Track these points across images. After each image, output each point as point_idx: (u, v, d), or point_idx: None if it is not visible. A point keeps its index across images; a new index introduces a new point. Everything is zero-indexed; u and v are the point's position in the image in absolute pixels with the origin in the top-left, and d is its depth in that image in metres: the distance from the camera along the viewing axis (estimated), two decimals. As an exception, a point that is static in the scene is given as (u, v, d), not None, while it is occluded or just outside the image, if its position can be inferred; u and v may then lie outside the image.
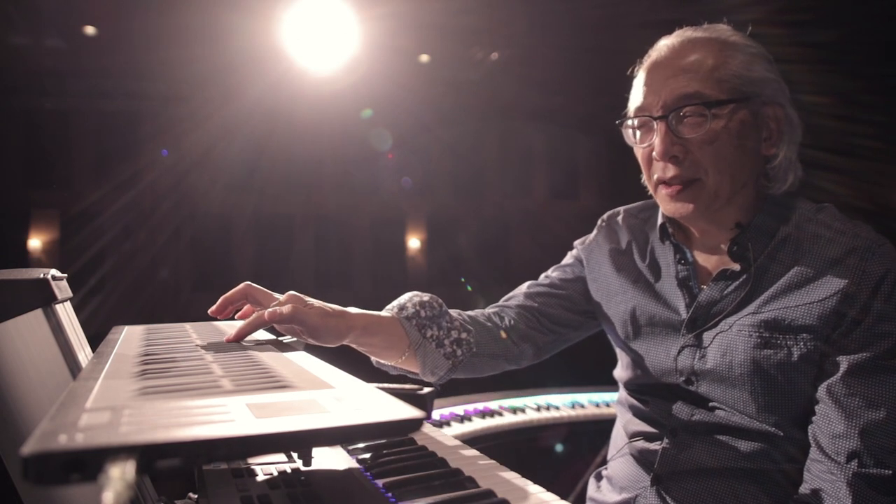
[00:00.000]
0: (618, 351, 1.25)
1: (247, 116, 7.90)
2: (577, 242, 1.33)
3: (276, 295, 1.01)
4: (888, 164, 3.92)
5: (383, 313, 1.12)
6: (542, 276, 1.32)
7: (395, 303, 1.16)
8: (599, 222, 1.31)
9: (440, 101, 8.50)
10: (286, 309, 0.91)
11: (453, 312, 1.20)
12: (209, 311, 1.01)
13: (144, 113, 8.78)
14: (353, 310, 1.06)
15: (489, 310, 1.27)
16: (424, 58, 7.57)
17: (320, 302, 1.01)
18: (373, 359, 1.16)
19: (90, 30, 6.91)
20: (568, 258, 1.33)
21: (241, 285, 1.01)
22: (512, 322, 1.23)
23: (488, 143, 10.11)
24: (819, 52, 3.34)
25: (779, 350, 0.97)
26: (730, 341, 1.02)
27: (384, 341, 1.09)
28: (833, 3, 3.65)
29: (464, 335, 1.16)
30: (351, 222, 9.71)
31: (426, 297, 1.18)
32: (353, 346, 1.06)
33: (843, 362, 0.94)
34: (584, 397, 2.17)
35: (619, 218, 1.28)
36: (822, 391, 0.96)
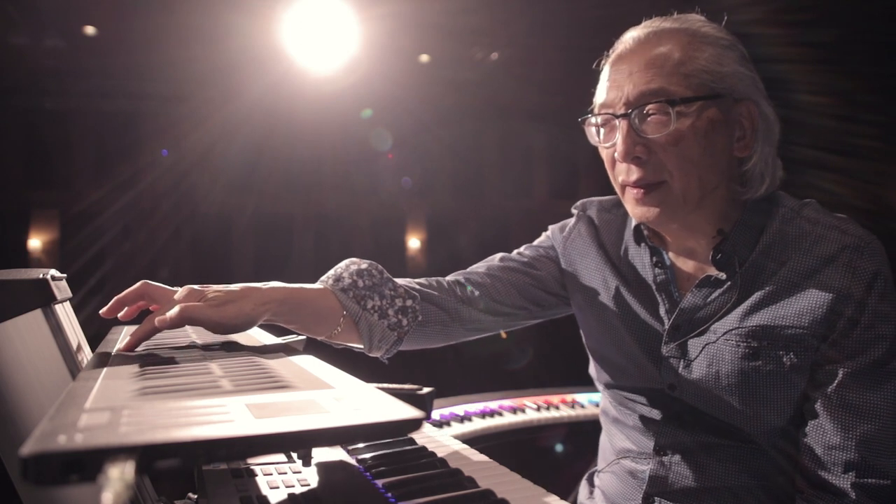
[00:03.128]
0: (593, 352, 1.20)
1: (247, 116, 7.89)
2: (554, 227, 1.26)
3: (177, 289, 0.90)
4: (888, 164, 3.92)
5: (314, 285, 1.03)
6: (516, 252, 1.25)
7: (331, 273, 1.06)
8: (576, 211, 1.24)
9: (440, 101, 8.49)
10: (174, 312, 0.79)
11: (400, 281, 1.11)
12: (100, 313, 0.90)
13: (144, 113, 8.77)
14: (271, 284, 0.95)
15: (450, 277, 1.18)
16: (424, 58, 7.56)
17: (222, 287, 0.90)
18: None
19: (90, 30, 6.90)
20: (543, 240, 1.26)
21: (137, 284, 0.90)
22: (476, 292, 1.15)
23: (488, 143, 10.10)
24: (819, 52, 3.33)
25: (768, 361, 0.93)
26: (716, 351, 0.97)
27: (312, 315, 0.98)
28: (833, 3, 3.64)
29: (409, 302, 1.07)
30: (351, 222, 9.71)
31: (365, 264, 1.07)
32: (280, 324, 0.96)
33: (837, 371, 0.91)
34: (584, 397, 2.17)
35: (594, 210, 1.22)
36: (815, 401, 0.92)
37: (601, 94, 1.01)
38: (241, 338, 0.95)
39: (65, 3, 6.34)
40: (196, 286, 0.88)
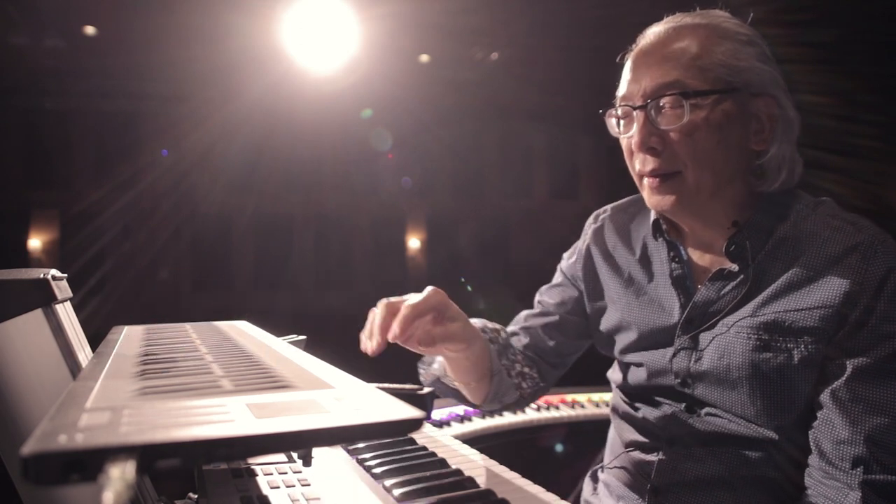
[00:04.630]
0: (608, 350, 1.22)
1: (247, 116, 7.89)
2: (565, 256, 1.30)
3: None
4: (888, 164, 3.92)
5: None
6: (537, 301, 1.30)
7: (475, 323, 1.17)
8: (587, 227, 1.27)
9: (440, 101, 8.50)
10: (429, 291, 0.98)
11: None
12: (369, 351, 0.99)
13: (144, 113, 8.78)
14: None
15: (518, 343, 1.27)
16: (424, 58, 7.57)
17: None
18: (426, 375, 1.22)
19: (90, 30, 6.91)
20: (558, 276, 1.30)
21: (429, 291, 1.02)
22: (552, 358, 1.27)
23: (488, 143, 10.10)
24: (819, 52, 3.33)
25: (779, 353, 0.94)
26: (727, 343, 0.98)
27: (475, 358, 1.10)
28: (833, 3, 3.64)
29: (526, 369, 1.20)
30: (351, 222, 9.71)
31: (497, 325, 1.22)
32: (453, 354, 1.07)
33: (847, 366, 0.91)
34: (584, 397, 2.17)
35: (607, 216, 1.24)
36: (824, 396, 0.93)
37: (622, 88, 1.04)
38: (241, 337, 0.95)
39: (65, 3, 6.34)
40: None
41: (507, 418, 1.97)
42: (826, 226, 0.98)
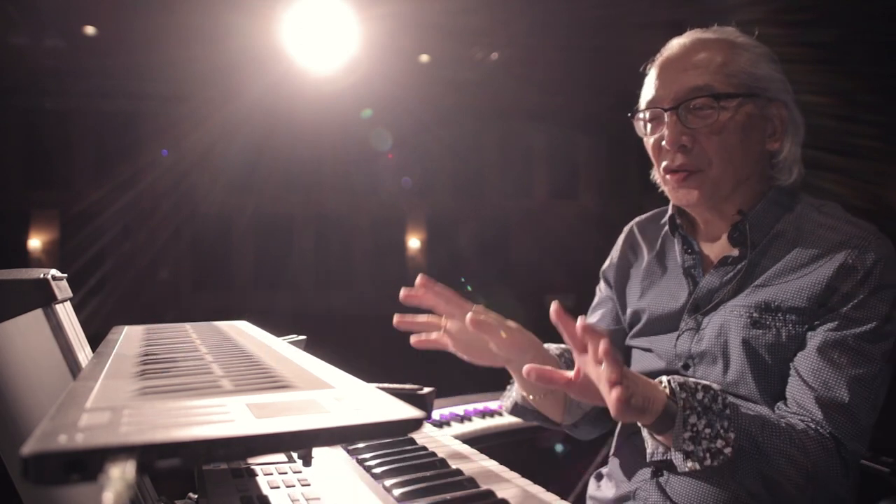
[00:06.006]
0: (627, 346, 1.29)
1: (247, 116, 7.88)
2: (602, 269, 1.37)
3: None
4: (888, 164, 3.92)
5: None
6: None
7: (549, 347, 1.24)
8: (619, 239, 1.36)
9: (440, 101, 8.48)
10: (491, 318, 1.00)
11: None
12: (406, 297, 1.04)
13: (144, 113, 8.77)
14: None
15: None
16: (424, 58, 7.56)
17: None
18: (507, 403, 1.23)
19: (90, 30, 6.90)
20: (598, 292, 1.37)
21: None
22: None
23: (488, 143, 10.08)
24: (819, 52, 3.33)
25: (768, 331, 1.01)
26: (724, 322, 1.05)
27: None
28: (833, 3, 3.64)
29: None
30: (351, 222, 9.69)
31: (564, 346, 1.25)
32: (513, 368, 1.11)
33: (834, 324, 0.97)
34: (584, 397, 2.16)
35: (635, 225, 1.35)
36: (807, 348, 0.99)
37: (649, 92, 1.12)
38: (241, 337, 0.95)
39: (65, 3, 6.33)
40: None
41: (507, 418, 1.97)
42: (826, 221, 1.05)
